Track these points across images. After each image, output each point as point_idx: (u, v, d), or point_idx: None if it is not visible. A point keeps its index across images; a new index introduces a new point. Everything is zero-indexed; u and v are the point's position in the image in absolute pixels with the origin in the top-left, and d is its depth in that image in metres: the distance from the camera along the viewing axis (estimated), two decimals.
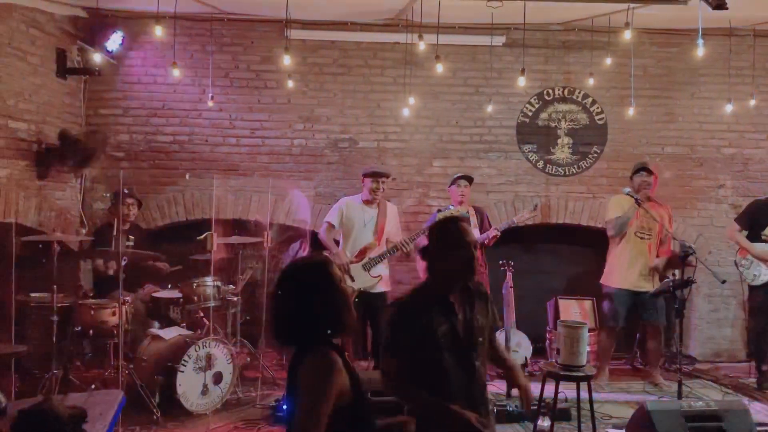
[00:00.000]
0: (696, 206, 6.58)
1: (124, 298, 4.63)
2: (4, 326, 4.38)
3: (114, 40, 5.87)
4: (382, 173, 5.40)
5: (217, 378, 4.69)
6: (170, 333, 4.84)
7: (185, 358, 4.52)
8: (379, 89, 6.42)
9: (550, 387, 3.93)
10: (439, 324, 2.57)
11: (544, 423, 4.10)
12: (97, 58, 5.74)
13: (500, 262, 5.78)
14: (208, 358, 4.63)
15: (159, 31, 5.14)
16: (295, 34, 6.14)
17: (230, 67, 6.34)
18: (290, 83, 6.06)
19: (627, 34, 5.43)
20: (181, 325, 5.08)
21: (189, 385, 4.54)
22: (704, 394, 5.30)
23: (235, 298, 5.35)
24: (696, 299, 6.50)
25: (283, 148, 6.39)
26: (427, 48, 5.63)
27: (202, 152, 6.33)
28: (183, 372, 4.51)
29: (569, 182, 6.55)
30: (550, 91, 6.53)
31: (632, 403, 4.92)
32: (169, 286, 5.31)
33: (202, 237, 4.99)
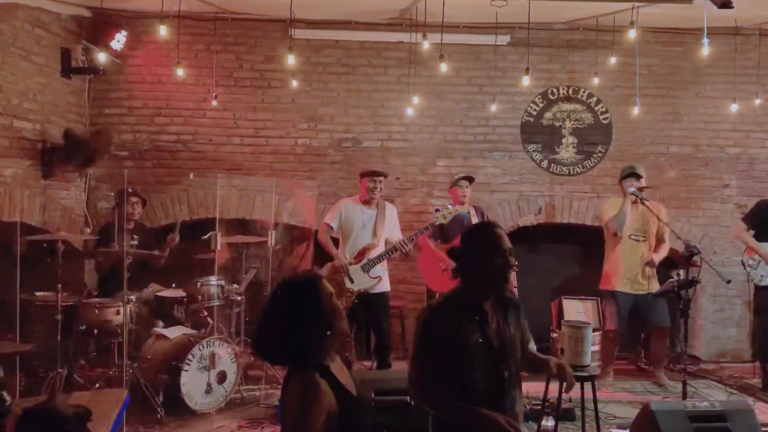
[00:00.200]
0: (701, 206, 6.55)
1: (128, 298, 4.64)
2: (8, 325, 4.38)
3: (118, 40, 5.87)
4: (378, 173, 5.36)
5: (221, 377, 4.70)
6: (174, 332, 4.85)
7: (189, 357, 4.53)
8: (383, 89, 6.42)
9: (553, 387, 3.91)
10: (471, 332, 2.50)
11: (548, 423, 4.10)
12: (101, 57, 5.73)
13: None
14: (212, 357, 4.64)
15: (163, 30, 5.15)
16: (299, 33, 6.14)
17: (234, 66, 6.35)
18: (294, 83, 6.06)
19: (632, 33, 5.40)
20: (185, 325, 5.09)
21: (193, 384, 4.55)
22: (709, 395, 5.29)
23: (238, 298, 5.35)
24: (701, 299, 6.47)
25: (287, 147, 6.39)
26: (431, 47, 5.62)
27: (206, 151, 6.33)
28: (187, 371, 4.51)
29: (574, 182, 6.53)
30: (555, 90, 6.52)
31: (636, 403, 4.92)
32: (173, 285, 5.31)
33: (207, 236, 5.00)
